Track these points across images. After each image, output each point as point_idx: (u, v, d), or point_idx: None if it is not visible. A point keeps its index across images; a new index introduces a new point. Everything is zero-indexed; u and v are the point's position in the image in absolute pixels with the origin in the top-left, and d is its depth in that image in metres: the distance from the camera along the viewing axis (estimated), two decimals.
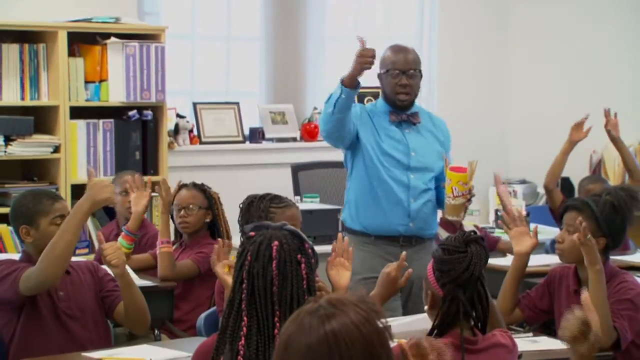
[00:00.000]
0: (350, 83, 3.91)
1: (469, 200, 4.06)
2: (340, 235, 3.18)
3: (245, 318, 2.28)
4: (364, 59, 3.85)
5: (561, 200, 5.06)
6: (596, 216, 3.54)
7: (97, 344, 3.48)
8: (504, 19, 7.20)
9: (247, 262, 2.31)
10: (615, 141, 5.18)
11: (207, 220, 4.51)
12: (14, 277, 3.36)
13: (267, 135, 6.32)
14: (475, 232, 2.76)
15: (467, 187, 4.02)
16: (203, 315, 3.76)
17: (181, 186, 4.55)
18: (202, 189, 4.52)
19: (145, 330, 3.65)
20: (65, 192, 5.25)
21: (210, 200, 4.49)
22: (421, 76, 4.21)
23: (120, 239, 4.54)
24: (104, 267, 3.55)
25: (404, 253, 3.19)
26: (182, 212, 4.46)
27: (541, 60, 7.12)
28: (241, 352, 2.26)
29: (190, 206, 4.46)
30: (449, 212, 4.07)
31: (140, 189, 4.60)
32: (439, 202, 4.21)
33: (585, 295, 2.28)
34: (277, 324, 2.27)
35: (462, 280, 2.65)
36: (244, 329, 2.27)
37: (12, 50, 5.24)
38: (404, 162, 4.13)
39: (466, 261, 2.65)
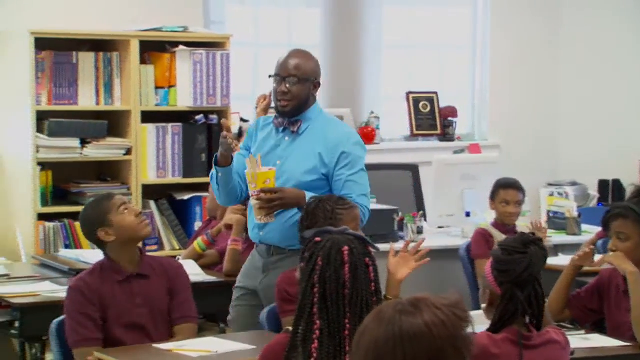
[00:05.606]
0: (223, 162, 3.62)
1: (261, 201, 3.49)
2: (407, 242, 3.11)
3: (317, 322, 2.26)
4: (223, 140, 3.55)
5: None
6: None
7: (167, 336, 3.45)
8: (555, 24, 7.08)
9: (318, 267, 2.30)
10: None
11: None
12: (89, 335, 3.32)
13: None
14: (532, 234, 2.71)
15: (254, 188, 3.51)
16: (265, 310, 3.72)
17: None
18: None
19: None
20: (136, 192, 5.27)
21: None
22: (313, 85, 3.68)
23: (198, 239, 4.58)
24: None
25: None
26: None
27: (592, 65, 6.98)
28: (314, 354, 2.24)
29: None
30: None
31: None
32: None
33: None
34: (347, 326, 2.25)
35: (521, 280, 2.60)
36: (316, 332, 2.25)
37: (87, 58, 5.26)
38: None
39: (525, 262, 2.60)
